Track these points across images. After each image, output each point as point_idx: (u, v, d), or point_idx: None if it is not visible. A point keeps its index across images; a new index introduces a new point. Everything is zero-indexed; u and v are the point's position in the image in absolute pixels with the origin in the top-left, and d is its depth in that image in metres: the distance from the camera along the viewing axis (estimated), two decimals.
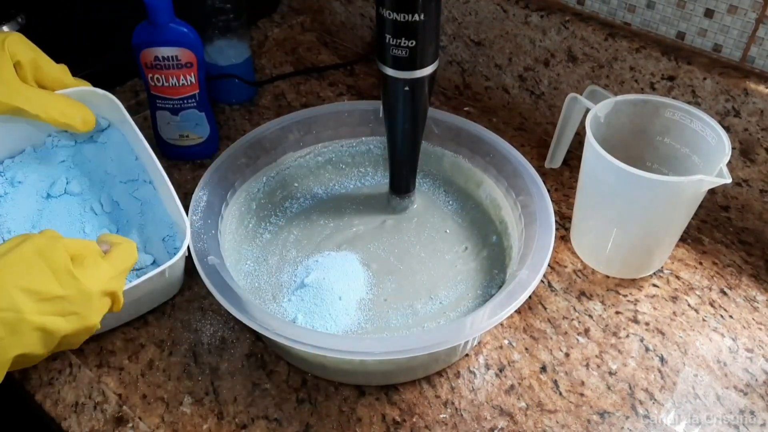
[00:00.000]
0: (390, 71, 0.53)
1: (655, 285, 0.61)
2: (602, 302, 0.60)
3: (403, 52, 0.51)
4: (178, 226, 0.56)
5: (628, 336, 0.57)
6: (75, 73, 0.57)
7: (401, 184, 0.63)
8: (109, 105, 0.57)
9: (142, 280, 0.50)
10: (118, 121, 0.59)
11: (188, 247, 0.52)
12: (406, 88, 0.54)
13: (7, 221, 0.57)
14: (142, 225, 0.58)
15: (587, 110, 0.59)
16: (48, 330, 0.42)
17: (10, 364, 0.42)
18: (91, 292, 0.44)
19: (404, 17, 0.49)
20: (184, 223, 0.53)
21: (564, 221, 0.67)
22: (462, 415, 0.51)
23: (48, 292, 0.42)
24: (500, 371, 0.54)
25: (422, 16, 0.49)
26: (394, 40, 0.50)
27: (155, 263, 0.57)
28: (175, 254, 0.52)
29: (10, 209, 0.57)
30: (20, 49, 0.52)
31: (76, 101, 0.55)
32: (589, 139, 0.55)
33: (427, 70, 0.53)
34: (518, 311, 0.54)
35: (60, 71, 0.55)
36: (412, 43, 0.50)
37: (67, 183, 0.59)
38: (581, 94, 0.61)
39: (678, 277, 0.62)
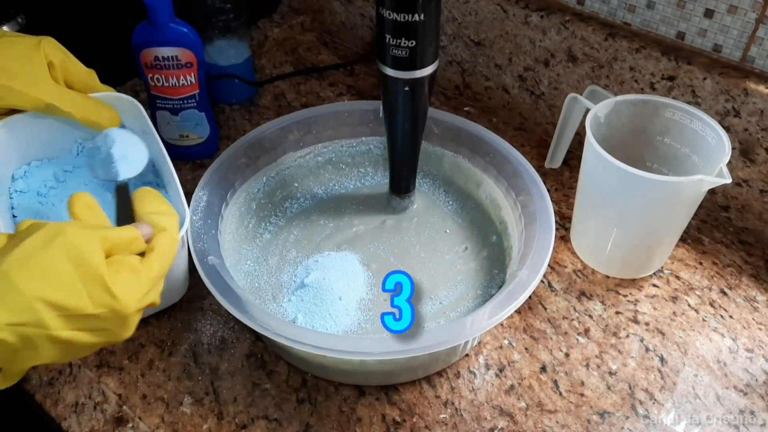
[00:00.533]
0: (390, 71, 0.53)
1: (655, 285, 0.61)
2: (602, 302, 0.60)
3: (403, 52, 0.51)
4: (183, 220, 0.57)
5: (628, 336, 0.57)
6: None
7: (401, 184, 0.63)
8: (132, 109, 0.58)
9: None
10: (140, 126, 0.60)
11: (189, 248, 0.52)
12: (406, 88, 0.54)
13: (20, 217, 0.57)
14: None
15: (587, 110, 0.59)
16: (72, 343, 0.38)
17: (23, 374, 0.39)
18: (126, 312, 0.40)
19: (404, 17, 0.49)
20: (185, 212, 0.53)
21: (564, 221, 0.67)
22: (462, 415, 0.51)
23: (77, 308, 0.37)
24: (500, 371, 0.54)
25: (422, 16, 0.49)
26: (394, 40, 0.50)
27: None
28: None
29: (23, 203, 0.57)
30: (53, 51, 0.54)
31: (103, 102, 0.57)
32: (589, 139, 0.55)
33: (427, 70, 0.53)
34: (518, 311, 0.54)
35: (88, 75, 0.57)
36: (412, 43, 0.50)
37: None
38: (581, 94, 0.61)
39: (678, 277, 0.62)
